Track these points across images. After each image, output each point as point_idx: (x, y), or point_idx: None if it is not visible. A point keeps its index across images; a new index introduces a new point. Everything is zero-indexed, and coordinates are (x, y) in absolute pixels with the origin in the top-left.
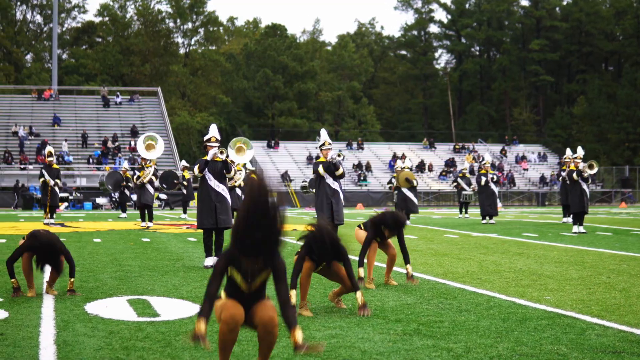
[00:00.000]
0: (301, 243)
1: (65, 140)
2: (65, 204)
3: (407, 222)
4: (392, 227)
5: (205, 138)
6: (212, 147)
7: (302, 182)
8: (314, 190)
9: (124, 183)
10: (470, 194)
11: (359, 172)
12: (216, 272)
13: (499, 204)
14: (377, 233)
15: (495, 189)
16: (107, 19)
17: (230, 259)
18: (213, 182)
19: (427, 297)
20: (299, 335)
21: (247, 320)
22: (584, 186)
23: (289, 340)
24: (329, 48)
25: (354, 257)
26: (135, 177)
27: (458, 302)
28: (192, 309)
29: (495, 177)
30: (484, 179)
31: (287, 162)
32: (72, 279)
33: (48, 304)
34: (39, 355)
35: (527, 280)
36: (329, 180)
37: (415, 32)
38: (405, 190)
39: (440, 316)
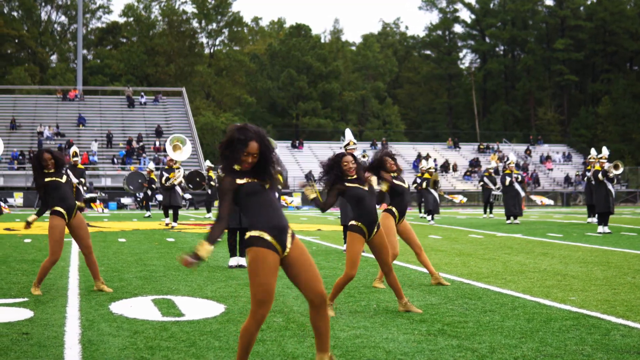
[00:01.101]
0: None
1: (95, 141)
2: (99, 202)
3: (432, 222)
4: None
5: None
6: None
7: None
8: None
9: (146, 184)
10: (499, 194)
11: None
12: (225, 190)
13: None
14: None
15: (520, 189)
16: (131, 19)
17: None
18: None
19: (452, 297)
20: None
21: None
22: (609, 186)
23: (313, 341)
24: (354, 48)
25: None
26: (164, 178)
27: (482, 302)
28: (216, 308)
29: (519, 177)
30: (508, 179)
31: (311, 162)
32: None
33: (73, 303)
34: (64, 355)
35: (552, 281)
36: None
37: (439, 32)
38: (432, 191)
39: (464, 316)
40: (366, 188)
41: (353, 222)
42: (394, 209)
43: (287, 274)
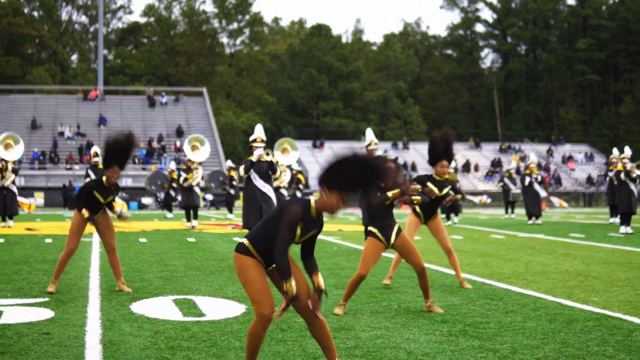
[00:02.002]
0: None
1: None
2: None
3: (455, 221)
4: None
5: (251, 138)
6: (258, 147)
7: None
8: None
9: (167, 185)
10: (519, 192)
11: (405, 172)
12: (293, 226)
13: (556, 199)
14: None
15: (540, 189)
16: (152, 19)
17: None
18: (258, 183)
19: (473, 298)
20: (321, 280)
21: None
22: (632, 186)
23: (334, 341)
24: (375, 48)
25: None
26: (182, 178)
27: (504, 303)
28: (237, 309)
29: (539, 177)
30: (527, 179)
31: None
32: None
33: (94, 303)
34: (84, 355)
35: (574, 281)
36: None
37: (461, 32)
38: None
39: (486, 317)
40: (388, 195)
41: (369, 228)
42: (418, 209)
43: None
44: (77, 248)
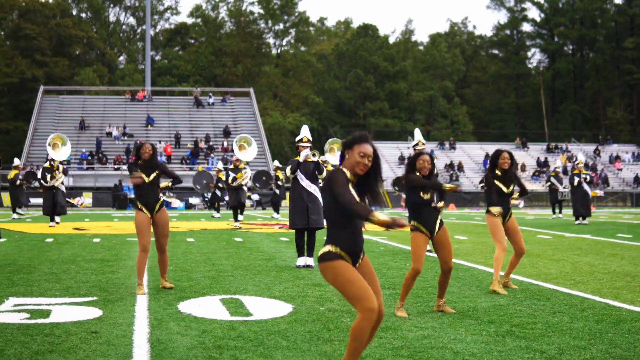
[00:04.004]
0: None
1: (160, 142)
2: (165, 198)
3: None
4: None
5: (297, 138)
6: (304, 147)
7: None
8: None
9: (212, 185)
10: (567, 191)
11: (451, 172)
12: (346, 186)
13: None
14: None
15: (589, 189)
16: (199, 20)
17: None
18: (305, 183)
19: (520, 298)
20: (380, 215)
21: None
22: None
23: (381, 341)
24: (421, 48)
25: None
26: (230, 178)
27: (551, 303)
28: (284, 308)
29: (588, 177)
30: (576, 180)
31: None
32: None
33: (142, 302)
34: (132, 353)
35: (622, 282)
36: None
37: (507, 31)
38: None
39: (533, 317)
40: (427, 197)
41: (412, 222)
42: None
43: None
44: (150, 244)
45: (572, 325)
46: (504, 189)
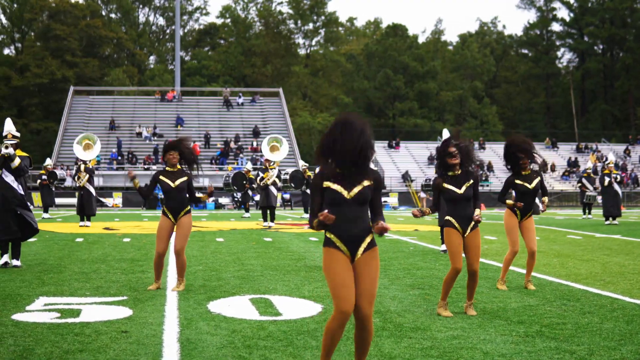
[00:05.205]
0: None
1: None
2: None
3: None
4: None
5: None
6: None
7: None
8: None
9: (246, 184)
10: (593, 194)
11: (481, 172)
12: (315, 189)
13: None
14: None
15: (619, 189)
16: (228, 20)
17: (324, 176)
18: None
19: (550, 298)
20: (383, 224)
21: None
22: None
23: (410, 341)
24: (451, 48)
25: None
26: (259, 178)
27: (581, 304)
28: (313, 308)
29: (618, 177)
30: (607, 180)
31: (408, 162)
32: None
33: (172, 302)
34: (162, 353)
35: None
36: None
37: (537, 31)
38: None
39: (563, 318)
40: (461, 191)
41: (447, 217)
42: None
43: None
44: (166, 251)
45: (602, 326)
46: (528, 186)
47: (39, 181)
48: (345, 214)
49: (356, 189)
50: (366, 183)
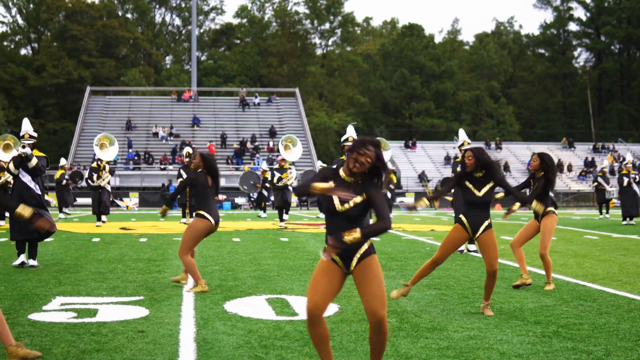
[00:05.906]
0: None
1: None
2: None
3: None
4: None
5: (343, 139)
6: None
7: (438, 182)
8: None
9: (259, 185)
10: (613, 190)
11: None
12: (322, 175)
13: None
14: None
15: (638, 189)
16: (245, 20)
17: (334, 174)
18: None
19: (567, 299)
20: (319, 185)
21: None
22: None
23: (427, 341)
24: (467, 47)
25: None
26: (276, 178)
27: (598, 304)
28: (330, 308)
29: (637, 177)
30: (625, 180)
31: (424, 162)
32: None
33: (188, 302)
34: (179, 353)
35: None
36: None
37: (554, 31)
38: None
39: (579, 318)
40: (480, 194)
41: (460, 215)
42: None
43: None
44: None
45: (619, 326)
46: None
47: (64, 181)
48: (337, 224)
49: (346, 205)
50: (358, 200)
